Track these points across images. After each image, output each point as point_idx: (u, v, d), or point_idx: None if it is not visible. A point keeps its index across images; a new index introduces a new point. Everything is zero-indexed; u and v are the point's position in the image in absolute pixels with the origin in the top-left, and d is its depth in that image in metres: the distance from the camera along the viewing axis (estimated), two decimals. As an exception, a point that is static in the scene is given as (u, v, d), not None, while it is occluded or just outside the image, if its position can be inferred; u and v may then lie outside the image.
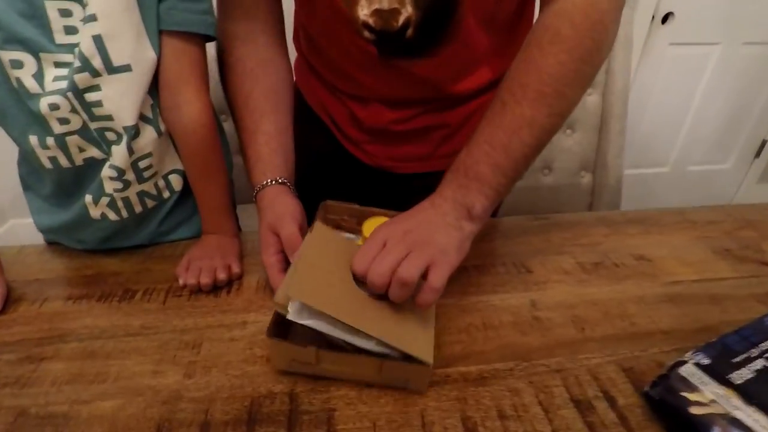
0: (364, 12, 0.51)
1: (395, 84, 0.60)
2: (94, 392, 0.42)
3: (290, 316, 0.39)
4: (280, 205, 0.51)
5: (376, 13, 0.51)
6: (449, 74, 0.60)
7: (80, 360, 0.45)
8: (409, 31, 0.52)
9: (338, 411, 0.40)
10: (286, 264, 0.49)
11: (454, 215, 0.45)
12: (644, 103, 1.89)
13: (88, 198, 0.55)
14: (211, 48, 0.57)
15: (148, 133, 0.53)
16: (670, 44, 1.75)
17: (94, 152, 0.52)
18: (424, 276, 0.40)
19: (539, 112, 0.44)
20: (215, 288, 0.54)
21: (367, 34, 0.53)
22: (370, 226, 0.51)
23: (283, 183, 0.54)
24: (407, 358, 0.39)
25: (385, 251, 0.40)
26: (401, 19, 0.51)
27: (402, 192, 0.61)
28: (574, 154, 1.16)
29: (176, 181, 0.59)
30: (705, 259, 0.61)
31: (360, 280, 0.41)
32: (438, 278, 0.40)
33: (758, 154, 2.11)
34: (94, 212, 0.56)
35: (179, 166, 0.58)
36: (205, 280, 0.52)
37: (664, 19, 1.68)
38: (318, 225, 0.47)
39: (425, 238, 0.42)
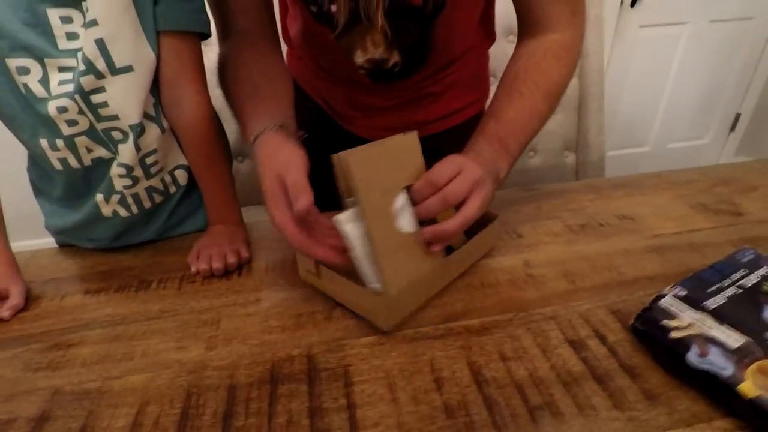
0: (359, 60, 0.63)
1: (385, 92, 0.71)
2: (123, 369, 0.44)
3: (340, 216, 0.43)
4: (284, 152, 0.46)
5: (370, 60, 0.63)
6: (431, 76, 0.70)
7: (106, 343, 0.48)
8: (397, 69, 0.65)
9: (353, 366, 0.43)
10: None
11: (490, 176, 0.50)
12: (621, 86, 1.95)
13: (99, 197, 0.57)
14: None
15: (153, 130, 0.56)
16: (640, 26, 1.81)
17: (101, 152, 0.55)
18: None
19: (546, 107, 0.56)
20: (226, 272, 0.57)
21: (361, 71, 0.65)
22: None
23: (283, 127, 0.49)
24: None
25: (465, 177, 0.46)
26: (390, 63, 0.64)
27: None
28: (557, 135, 1.20)
29: (181, 176, 0.62)
30: (684, 214, 0.65)
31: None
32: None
33: (733, 127, 2.18)
34: (106, 210, 0.58)
35: (183, 161, 0.61)
36: (217, 264, 0.55)
37: (633, 3, 1.75)
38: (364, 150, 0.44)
39: (488, 183, 0.48)
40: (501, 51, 1.12)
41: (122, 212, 0.59)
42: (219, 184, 0.61)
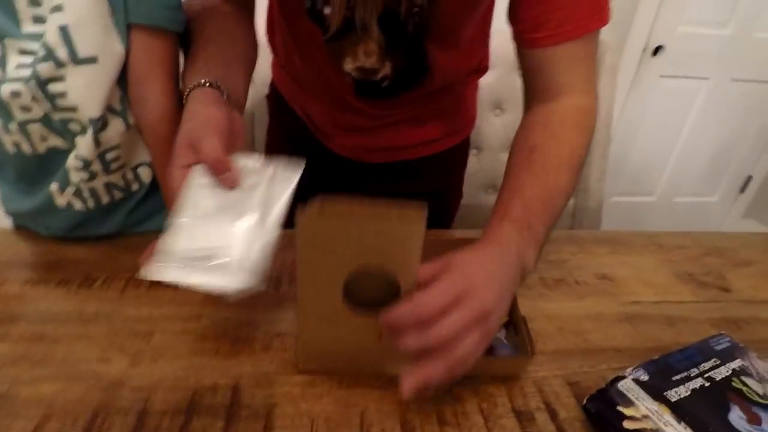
0: (348, 66, 0.60)
1: (366, 112, 0.67)
2: (36, 375, 0.41)
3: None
4: (204, 113, 0.44)
5: (359, 68, 0.60)
6: (417, 100, 0.67)
7: (27, 343, 0.45)
8: (385, 83, 0.62)
9: (279, 407, 0.39)
10: None
11: (515, 272, 0.42)
12: (633, 133, 1.92)
13: (54, 186, 0.55)
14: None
15: (116, 125, 0.53)
16: (660, 76, 1.79)
17: (57, 142, 0.52)
18: None
19: (570, 182, 0.50)
20: (176, 281, 0.54)
21: (348, 79, 0.62)
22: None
23: (216, 86, 0.46)
24: None
25: (465, 310, 0.35)
26: (379, 75, 0.60)
27: (371, 180, 0.71)
28: (557, 176, 1.17)
29: (145, 174, 0.59)
30: (667, 282, 0.61)
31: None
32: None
33: (743, 189, 2.14)
34: (60, 200, 0.56)
35: (149, 159, 0.58)
36: (165, 271, 0.52)
37: (655, 52, 1.72)
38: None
39: (497, 311, 0.38)
40: (511, 84, 1.10)
41: (77, 205, 0.56)
42: (181, 188, 0.58)
